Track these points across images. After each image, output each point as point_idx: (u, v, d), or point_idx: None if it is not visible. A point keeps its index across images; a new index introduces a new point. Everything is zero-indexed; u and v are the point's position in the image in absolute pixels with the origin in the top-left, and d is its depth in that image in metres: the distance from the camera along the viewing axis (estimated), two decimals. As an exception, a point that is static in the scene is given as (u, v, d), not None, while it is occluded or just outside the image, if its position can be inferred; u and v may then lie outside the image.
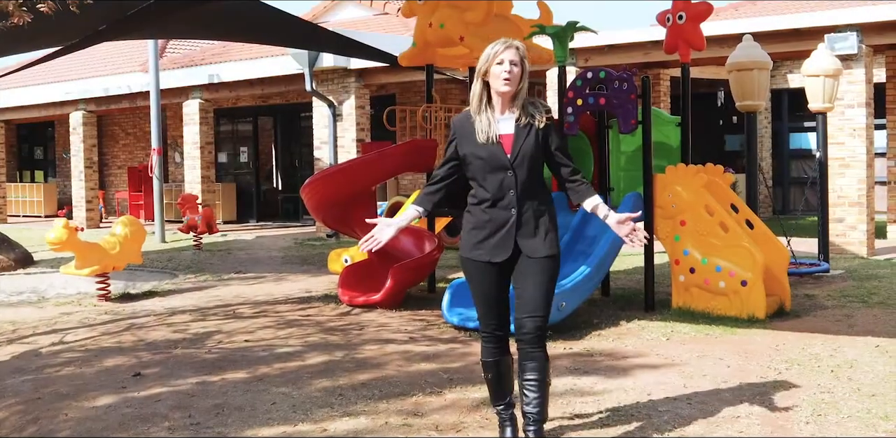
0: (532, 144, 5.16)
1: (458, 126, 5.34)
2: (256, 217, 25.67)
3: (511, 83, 5.13)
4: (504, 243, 5.19)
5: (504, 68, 5.11)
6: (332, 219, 11.12)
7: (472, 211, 5.29)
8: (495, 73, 5.14)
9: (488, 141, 5.15)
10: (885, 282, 11.62)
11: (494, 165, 5.14)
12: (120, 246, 11.62)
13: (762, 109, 12.83)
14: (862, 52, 14.31)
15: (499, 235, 5.19)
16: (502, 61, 5.12)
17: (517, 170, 5.13)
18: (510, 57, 5.13)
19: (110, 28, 9.84)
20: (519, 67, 5.15)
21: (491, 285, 5.31)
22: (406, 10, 11.57)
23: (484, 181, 5.19)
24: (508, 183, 5.14)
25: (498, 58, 5.13)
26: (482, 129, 5.18)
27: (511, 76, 5.11)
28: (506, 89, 5.14)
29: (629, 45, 16.43)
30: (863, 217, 14.54)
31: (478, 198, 5.25)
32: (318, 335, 9.08)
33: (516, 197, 5.14)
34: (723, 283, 9.43)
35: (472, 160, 5.21)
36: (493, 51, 5.17)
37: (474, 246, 5.26)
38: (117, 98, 24.45)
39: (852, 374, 7.07)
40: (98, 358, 8.19)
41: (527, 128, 5.19)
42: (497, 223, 5.19)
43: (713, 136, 24.18)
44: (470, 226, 5.29)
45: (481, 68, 5.21)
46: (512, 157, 5.14)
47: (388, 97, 22.48)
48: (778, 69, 22.07)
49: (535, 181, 5.22)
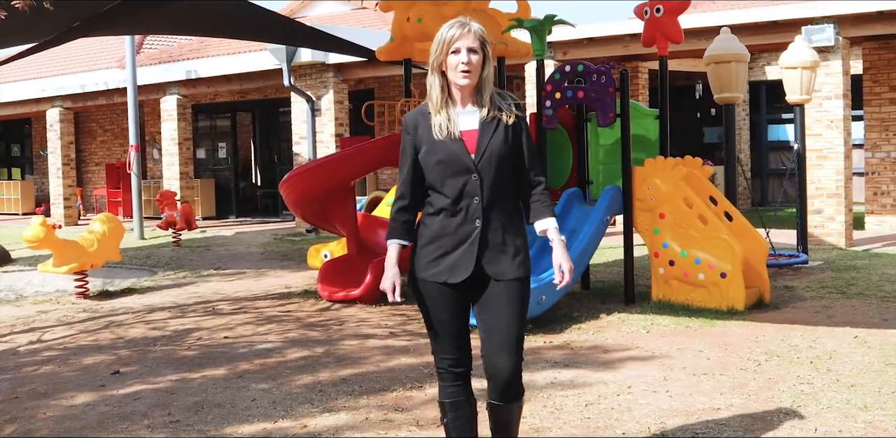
0: (499, 142, 4.33)
1: (411, 123, 4.47)
2: (235, 213, 25.61)
3: (471, 76, 4.30)
4: (465, 261, 4.32)
5: (461, 58, 4.27)
6: (311, 215, 11.09)
7: (427, 222, 4.42)
8: (451, 64, 4.31)
9: (447, 137, 4.32)
10: (864, 273, 11.66)
11: (455, 167, 4.31)
12: (98, 243, 11.57)
13: (740, 101, 12.88)
14: (839, 44, 14.35)
15: (458, 251, 4.32)
16: (458, 50, 4.28)
17: (482, 173, 4.30)
18: (467, 43, 4.28)
19: (86, 24, 9.79)
20: (479, 55, 4.30)
21: (447, 311, 4.42)
22: (384, 4, 11.56)
23: (442, 186, 4.34)
24: (472, 188, 4.30)
25: (453, 45, 4.29)
26: (440, 124, 4.34)
27: (470, 67, 4.27)
28: (465, 82, 4.30)
29: (607, 38, 16.44)
30: (841, 208, 14.59)
31: (434, 206, 4.38)
32: (298, 331, 9.07)
33: (481, 205, 4.29)
34: (702, 275, 9.45)
35: (427, 161, 4.37)
36: (445, 37, 4.32)
37: (428, 265, 4.39)
38: (94, 94, 24.37)
39: (831, 365, 7.10)
40: (76, 357, 8.16)
41: (493, 124, 4.35)
42: (457, 237, 4.32)
43: (691, 129, 24.23)
44: (424, 241, 4.42)
45: (435, 59, 4.37)
46: (476, 157, 4.30)
47: (366, 92, 22.46)
48: (756, 61, 22.14)
49: (504, 186, 4.38)
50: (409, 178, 4.46)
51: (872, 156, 16.94)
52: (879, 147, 16.82)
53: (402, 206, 4.48)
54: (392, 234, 4.48)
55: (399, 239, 4.46)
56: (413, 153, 4.44)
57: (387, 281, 4.41)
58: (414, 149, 4.44)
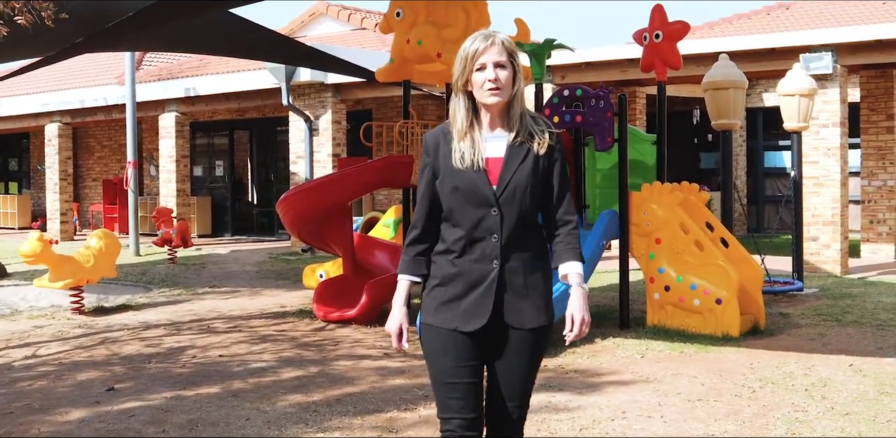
0: (527, 174, 3.80)
1: (431, 143, 3.96)
2: (231, 231, 25.59)
3: (501, 93, 3.79)
4: (480, 306, 3.81)
5: (487, 75, 3.77)
6: (307, 234, 11.10)
7: (439, 261, 3.92)
8: (477, 82, 3.80)
9: (471, 165, 3.80)
10: (859, 301, 11.67)
11: (473, 199, 3.79)
12: (94, 259, 11.58)
13: (737, 128, 12.91)
14: (837, 72, 14.42)
15: (474, 295, 3.81)
16: (484, 65, 3.79)
17: (504, 208, 3.79)
18: (494, 57, 3.79)
19: (87, 40, 9.82)
20: (509, 70, 3.81)
21: (458, 363, 3.87)
22: (384, 25, 11.59)
23: (457, 219, 3.84)
24: (491, 224, 3.79)
25: (478, 62, 3.79)
26: (464, 152, 3.82)
27: (499, 84, 3.77)
28: (494, 100, 3.79)
29: (606, 62, 16.50)
30: (836, 236, 14.62)
31: (448, 242, 3.89)
32: (293, 350, 9.06)
33: (500, 243, 3.79)
34: (697, 301, 9.46)
35: (443, 187, 3.86)
36: (468, 52, 3.83)
37: (438, 309, 3.88)
38: (93, 110, 24.40)
39: (826, 393, 7.10)
40: (71, 372, 8.15)
41: (522, 152, 3.84)
42: (472, 278, 3.81)
43: (688, 154, 24.28)
44: (435, 282, 3.92)
45: (459, 78, 3.87)
46: (498, 189, 3.79)
47: (364, 112, 22.49)
48: (753, 88, 22.20)
49: (528, 223, 3.87)
50: (425, 206, 3.96)
51: (869, 184, 16.97)
52: (876, 175, 16.85)
53: (414, 237, 3.99)
54: (402, 268, 3.98)
55: (409, 275, 3.96)
56: (431, 177, 3.93)
57: (393, 323, 3.94)
58: (432, 173, 3.93)
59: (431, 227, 3.98)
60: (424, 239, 3.99)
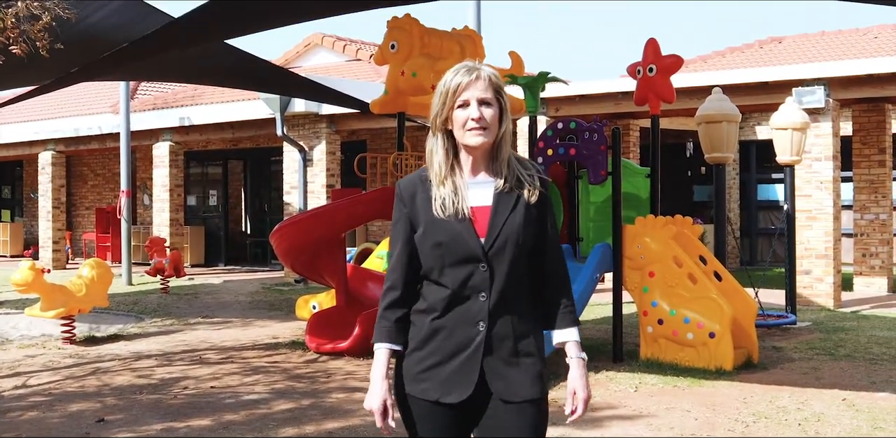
0: (518, 224, 3.39)
1: (407, 192, 3.51)
2: (224, 261, 25.55)
3: (485, 133, 3.37)
4: (464, 375, 3.36)
5: (471, 113, 3.36)
6: (300, 266, 11.09)
7: (417, 321, 3.46)
8: (459, 121, 3.38)
9: (454, 214, 3.37)
10: (852, 335, 11.67)
11: (458, 253, 3.36)
12: (86, 288, 11.55)
13: (731, 161, 12.96)
14: (829, 105, 14.48)
15: (456, 362, 3.37)
16: (467, 102, 3.38)
17: (493, 263, 3.36)
18: (478, 93, 3.38)
19: (82, 70, 9.83)
20: (494, 108, 3.40)
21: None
22: (378, 57, 11.63)
23: (440, 276, 3.40)
24: (478, 281, 3.36)
25: (460, 98, 3.38)
26: (444, 197, 3.39)
27: (483, 123, 3.36)
28: (477, 141, 3.37)
29: (600, 95, 16.56)
30: (829, 269, 14.64)
31: (428, 301, 3.43)
32: (285, 382, 9.03)
33: (489, 303, 3.35)
34: (691, 335, 9.45)
35: (424, 243, 3.43)
36: (449, 86, 3.40)
37: (417, 377, 3.44)
38: (87, 139, 24.42)
39: (819, 428, 7.09)
40: (62, 403, 8.11)
41: (512, 200, 3.42)
42: (455, 343, 3.37)
43: (682, 187, 24.33)
44: (413, 344, 3.46)
45: (437, 115, 3.44)
46: (487, 242, 3.37)
47: (359, 143, 22.53)
48: (746, 121, 22.27)
49: (520, 280, 3.44)
50: (402, 264, 3.50)
51: (861, 218, 17.01)
52: (868, 208, 16.89)
53: (392, 300, 3.50)
54: (379, 336, 3.50)
55: (388, 343, 3.48)
56: (408, 230, 3.48)
57: (374, 400, 3.51)
58: (409, 226, 3.48)
59: (411, 288, 3.51)
60: (403, 303, 3.49)
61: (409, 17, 11.12)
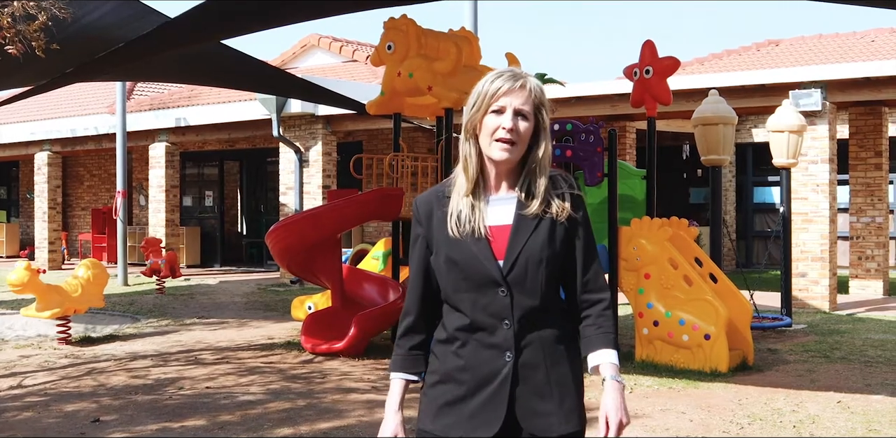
0: (541, 244, 3.09)
1: (423, 210, 3.24)
2: (220, 261, 25.54)
3: (512, 149, 3.08)
4: (491, 410, 3.07)
5: (503, 121, 3.06)
6: (296, 266, 11.09)
7: (439, 352, 3.20)
8: (488, 127, 3.08)
9: (469, 232, 3.09)
10: (847, 337, 11.67)
11: (475, 276, 3.08)
12: (82, 288, 11.54)
13: (727, 163, 12.96)
14: (826, 108, 14.48)
15: (482, 396, 3.07)
16: (502, 109, 3.07)
17: (514, 287, 3.06)
18: (517, 103, 3.08)
19: (78, 70, 9.83)
20: (530, 121, 3.10)
21: None
22: (375, 58, 11.63)
23: (458, 301, 3.12)
24: (499, 307, 3.06)
25: (496, 103, 3.08)
26: (460, 214, 3.12)
27: (514, 136, 3.06)
28: (501, 156, 3.08)
29: (596, 97, 16.55)
30: (825, 272, 14.64)
31: (448, 329, 3.17)
32: (280, 382, 9.03)
33: (514, 331, 3.06)
34: (686, 337, 9.45)
35: (439, 263, 3.17)
36: (488, 89, 3.11)
37: (439, 413, 3.17)
38: (83, 139, 24.40)
39: (814, 430, 7.09)
40: (57, 403, 8.11)
41: (535, 219, 3.11)
42: (480, 374, 3.08)
43: (678, 189, 24.34)
44: (434, 378, 3.21)
45: (469, 119, 3.14)
46: (506, 265, 3.07)
47: (355, 144, 22.52)
48: (743, 124, 22.29)
49: (548, 305, 3.12)
50: (419, 287, 3.26)
51: (857, 221, 17.01)
52: (864, 211, 16.90)
53: (408, 327, 3.28)
54: (394, 365, 3.30)
55: (403, 373, 3.27)
56: (424, 252, 3.23)
57: (386, 432, 3.26)
58: (425, 247, 3.22)
59: (429, 314, 3.26)
60: (421, 329, 3.27)
61: (406, 18, 11.12)
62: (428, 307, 3.25)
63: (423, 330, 3.27)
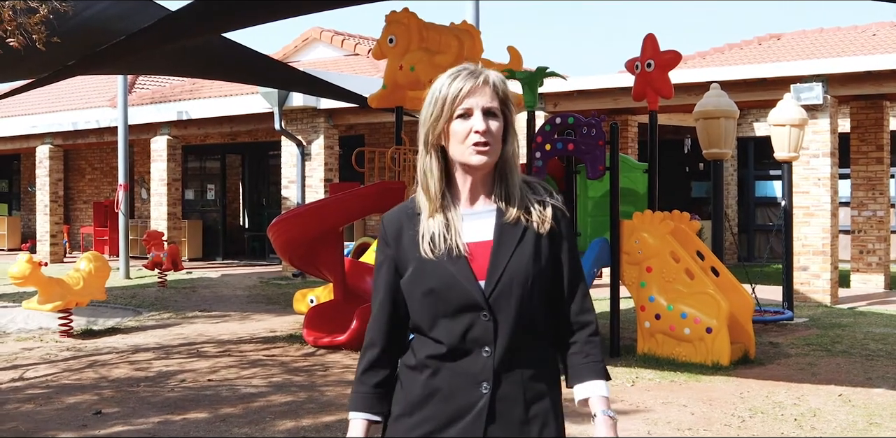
0: (526, 261, 2.76)
1: (391, 229, 2.89)
2: (222, 255, 25.55)
3: (490, 151, 2.75)
4: None
5: (474, 124, 2.74)
6: (298, 259, 11.09)
7: (406, 381, 2.85)
8: (457, 134, 2.76)
9: (446, 252, 2.75)
10: (849, 331, 11.68)
11: (453, 301, 2.73)
12: (83, 281, 11.55)
13: (728, 157, 12.93)
14: (827, 102, 14.47)
15: (454, 431, 2.74)
16: (469, 111, 2.75)
17: (497, 311, 2.72)
18: (483, 102, 2.75)
19: (79, 63, 9.83)
20: (500, 120, 2.78)
21: None
22: (377, 51, 11.63)
23: (433, 329, 2.77)
24: (479, 333, 2.72)
25: (461, 106, 2.75)
26: (434, 233, 2.78)
27: (488, 137, 2.74)
28: (480, 160, 2.75)
29: (598, 90, 16.55)
30: (827, 265, 14.64)
31: (418, 356, 2.82)
32: (282, 375, 9.04)
33: (493, 359, 2.72)
34: (688, 330, 9.46)
35: (412, 291, 2.80)
36: (448, 92, 2.77)
37: None
38: (85, 132, 24.39)
39: (815, 423, 7.10)
40: (59, 395, 8.12)
41: (517, 232, 2.79)
42: (453, 408, 2.74)
43: (680, 183, 24.32)
44: (398, 410, 2.86)
45: (431, 128, 2.81)
46: (488, 285, 2.73)
47: (357, 138, 22.52)
48: (744, 117, 22.26)
49: (532, 329, 2.79)
50: (385, 315, 2.90)
51: (859, 215, 17.01)
52: (866, 205, 16.89)
53: (371, 361, 2.91)
54: (355, 404, 2.92)
55: (365, 413, 2.89)
56: (392, 276, 2.87)
57: None
58: (394, 271, 2.87)
59: (394, 345, 2.91)
60: (386, 364, 2.91)
61: (408, 12, 11.13)
62: (395, 339, 2.90)
63: (388, 364, 2.90)
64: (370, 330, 2.92)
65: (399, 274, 2.83)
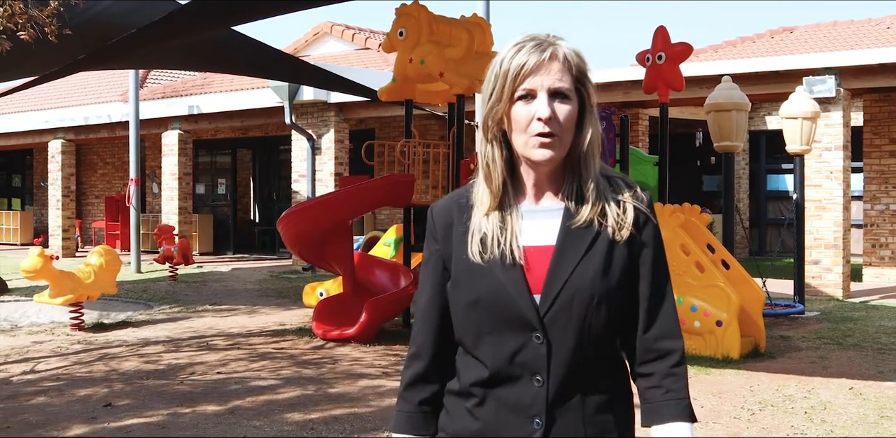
0: (595, 274, 2.25)
1: (441, 221, 2.41)
2: (233, 249, 25.58)
3: (555, 145, 2.24)
4: None
5: (538, 111, 2.21)
6: (308, 253, 11.09)
7: (451, 407, 2.42)
8: (519, 120, 2.24)
9: (498, 258, 2.26)
10: (860, 325, 11.64)
11: (501, 316, 2.26)
12: (94, 275, 11.56)
13: (740, 150, 12.89)
14: (840, 95, 14.41)
15: None
16: (532, 92, 2.23)
17: (553, 331, 2.24)
18: (550, 81, 2.23)
19: (90, 57, 9.84)
20: (573, 103, 2.26)
21: None
22: (387, 45, 11.62)
23: (476, 347, 2.32)
24: (531, 357, 2.25)
25: (523, 86, 2.22)
26: (485, 230, 2.29)
27: (553, 127, 2.22)
28: (543, 155, 2.24)
29: (609, 84, 16.48)
30: (839, 259, 14.60)
31: (463, 380, 2.37)
32: (292, 368, 9.04)
33: (546, 389, 2.24)
34: (698, 323, 9.43)
35: (456, 298, 2.35)
36: (509, 67, 2.24)
37: None
38: (96, 127, 24.41)
39: (826, 416, 7.07)
40: (69, 388, 8.13)
41: (588, 237, 2.28)
42: None
43: (691, 176, 24.27)
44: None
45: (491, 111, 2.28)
46: (544, 301, 2.24)
47: (367, 131, 22.50)
48: (756, 111, 22.20)
49: (597, 355, 2.29)
50: (431, 322, 2.45)
51: (871, 208, 16.97)
52: (878, 199, 16.85)
53: (416, 375, 2.47)
54: (398, 424, 2.49)
55: (410, 435, 2.46)
56: (439, 276, 2.42)
57: None
58: (441, 270, 2.42)
59: (443, 357, 2.44)
60: (434, 378, 2.45)
61: (418, 4, 11.11)
62: (444, 348, 2.44)
63: (436, 378, 2.44)
64: (415, 338, 2.48)
65: (447, 274, 2.39)
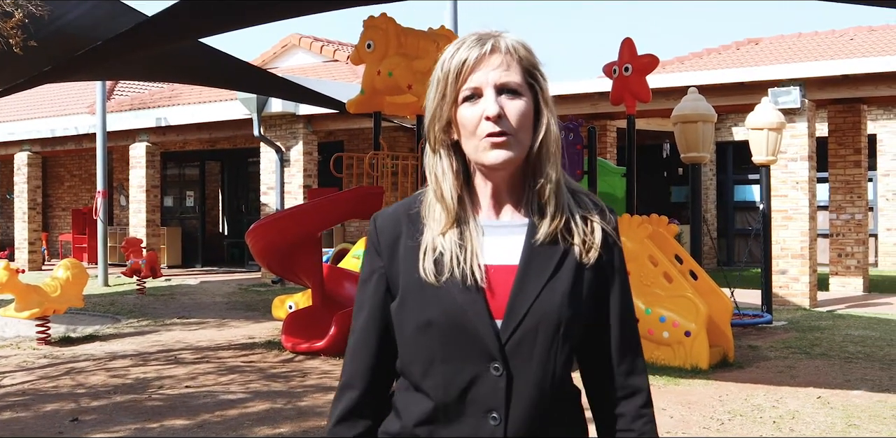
0: (563, 298, 2.02)
1: (386, 233, 2.13)
2: (201, 262, 25.47)
3: (510, 143, 2.00)
4: None
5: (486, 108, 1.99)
6: (277, 265, 11.06)
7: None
8: (467, 123, 2.02)
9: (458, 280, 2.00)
10: (827, 334, 11.70)
11: (458, 344, 2.00)
12: (61, 289, 11.49)
13: (707, 161, 12.97)
14: (805, 106, 14.51)
15: None
16: (478, 90, 2.02)
17: (515, 362, 1.99)
18: (494, 75, 2.01)
19: (56, 68, 9.79)
20: (526, 98, 2.04)
21: None
22: (355, 56, 11.62)
23: (424, 378, 2.04)
24: (488, 391, 1.99)
25: (467, 84, 2.01)
26: (443, 248, 2.03)
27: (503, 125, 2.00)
28: (496, 158, 2.00)
29: (576, 95, 16.54)
30: (805, 269, 14.68)
31: (404, 418, 2.08)
32: (261, 382, 9.00)
33: (504, 429, 1.98)
34: (666, 334, 9.46)
35: (403, 321, 2.07)
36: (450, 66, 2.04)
37: None
38: (63, 139, 24.29)
39: (794, 425, 7.10)
40: (36, 403, 8.07)
41: (554, 256, 2.05)
42: None
43: (658, 187, 24.38)
44: None
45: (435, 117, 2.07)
46: (506, 327, 1.99)
47: (336, 143, 22.49)
48: (723, 122, 22.34)
49: (560, 390, 2.07)
50: (368, 347, 2.16)
51: (837, 218, 17.07)
52: (844, 209, 16.95)
53: (349, 408, 2.15)
54: None
55: None
56: (381, 296, 2.14)
57: None
58: (385, 287, 2.13)
59: (378, 389, 2.16)
60: (367, 412, 2.15)
61: (386, 17, 11.12)
62: (380, 378, 2.16)
63: (370, 413, 2.15)
64: (347, 366, 2.18)
65: (391, 294, 2.11)
